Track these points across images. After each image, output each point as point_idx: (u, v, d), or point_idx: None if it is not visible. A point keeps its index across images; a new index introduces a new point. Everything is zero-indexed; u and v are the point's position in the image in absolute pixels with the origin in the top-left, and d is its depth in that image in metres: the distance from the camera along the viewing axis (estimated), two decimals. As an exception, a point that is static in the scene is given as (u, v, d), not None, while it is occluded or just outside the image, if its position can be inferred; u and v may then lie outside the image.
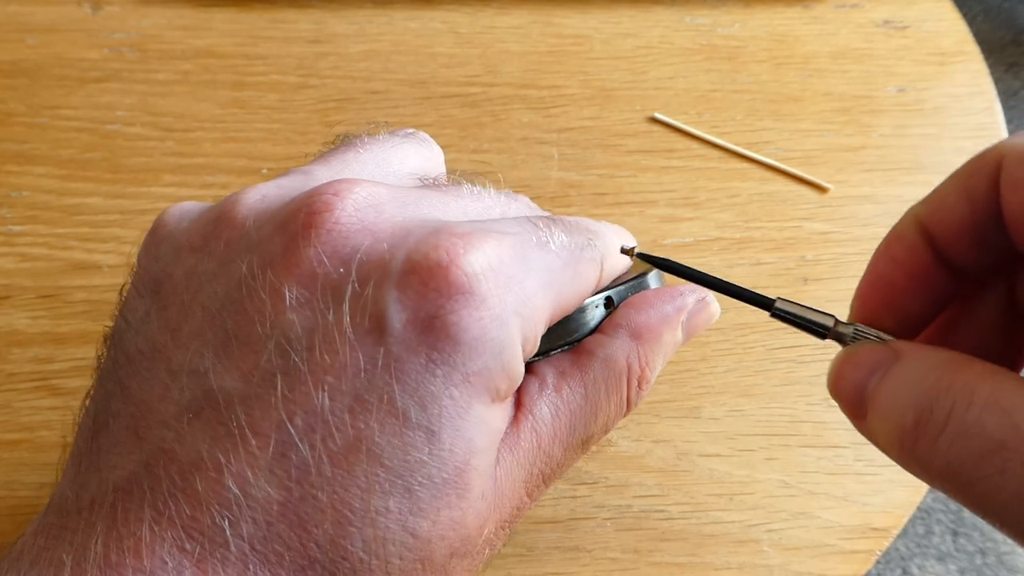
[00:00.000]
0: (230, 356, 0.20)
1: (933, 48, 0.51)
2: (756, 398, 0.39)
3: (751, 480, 0.37)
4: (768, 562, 0.35)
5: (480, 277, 0.20)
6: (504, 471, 0.22)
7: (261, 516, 0.18)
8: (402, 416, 0.19)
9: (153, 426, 0.20)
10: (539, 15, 0.51)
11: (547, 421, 0.23)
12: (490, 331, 0.20)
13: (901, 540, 1.17)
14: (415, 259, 0.20)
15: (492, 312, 0.20)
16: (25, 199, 0.43)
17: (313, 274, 0.20)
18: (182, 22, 0.49)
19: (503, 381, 0.21)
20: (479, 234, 0.21)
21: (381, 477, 0.19)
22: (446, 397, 0.20)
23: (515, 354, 0.21)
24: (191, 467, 0.19)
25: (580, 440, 0.24)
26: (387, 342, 0.19)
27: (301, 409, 0.19)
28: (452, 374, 0.20)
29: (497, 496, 0.22)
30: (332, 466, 0.19)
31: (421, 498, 0.19)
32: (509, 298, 0.21)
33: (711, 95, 0.48)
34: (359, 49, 0.49)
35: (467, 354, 0.20)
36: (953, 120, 0.48)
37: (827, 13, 0.51)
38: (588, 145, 0.46)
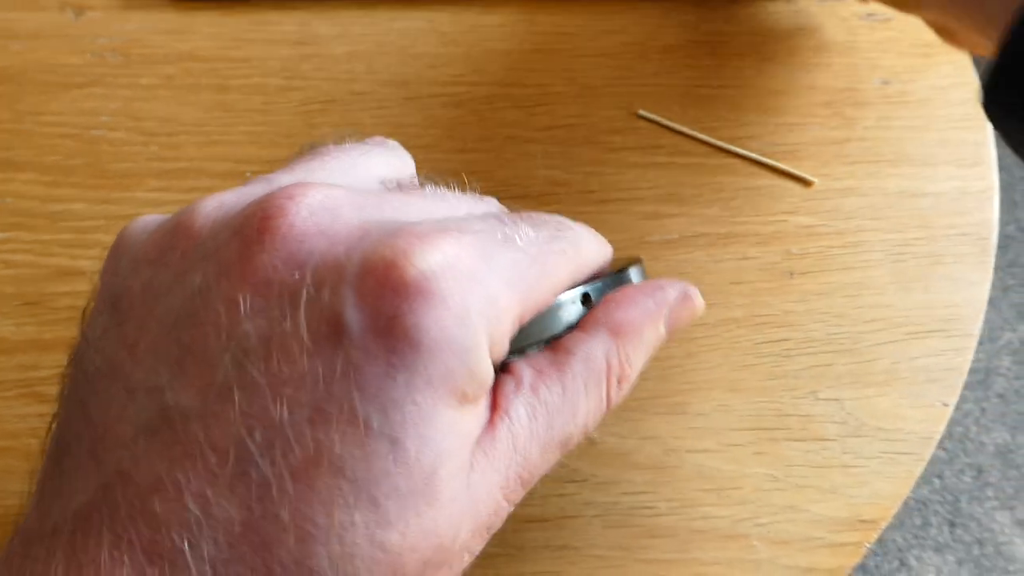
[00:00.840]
0: (185, 372, 0.19)
1: (917, 40, 0.51)
2: (743, 393, 0.39)
3: (739, 475, 0.37)
4: (757, 556, 0.35)
5: (439, 276, 0.19)
6: (479, 475, 0.21)
7: (223, 537, 0.18)
8: (364, 426, 0.19)
9: (111, 448, 0.19)
10: (523, 13, 0.51)
11: (524, 422, 0.22)
12: (452, 332, 0.19)
13: (898, 531, 1.17)
14: (371, 261, 0.19)
15: (453, 312, 0.19)
16: (8, 205, 0.43)
17: (268, 281, 0.20)
18: (165, 26, 0.49)
19: (469, 384, 0.20)
20: (438, 232, 0.20)
21: (345, 490, 0.18)
22: (409, 403, 0.19)
23: (481, 355, 0.20)
24: (149, 489, 0.18)
25: (559, 440, 0.23)
26: (345, 348, 0.19)
27: (259, 423, 0.18)
28: (414, 379, 0.19)
29: (472, 501, 0.21)
30: (293, 481, 0.18)
31: (388, 510, 0.19)
32: (472, 297, 0.20)
33: (696, 91, 0.48)
34: (343, 50, 0.49)
35: (428, 357, 0.19)
36: (938, 112, 0.48)
37: (810, 7, 0.51)
38: (573, 143, 0.46)
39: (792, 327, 0.41)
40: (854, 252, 0.43)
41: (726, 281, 0.42)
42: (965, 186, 0.46)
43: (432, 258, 0.20)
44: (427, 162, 0.45)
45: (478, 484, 0.21)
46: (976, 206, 0.45)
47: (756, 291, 0.42)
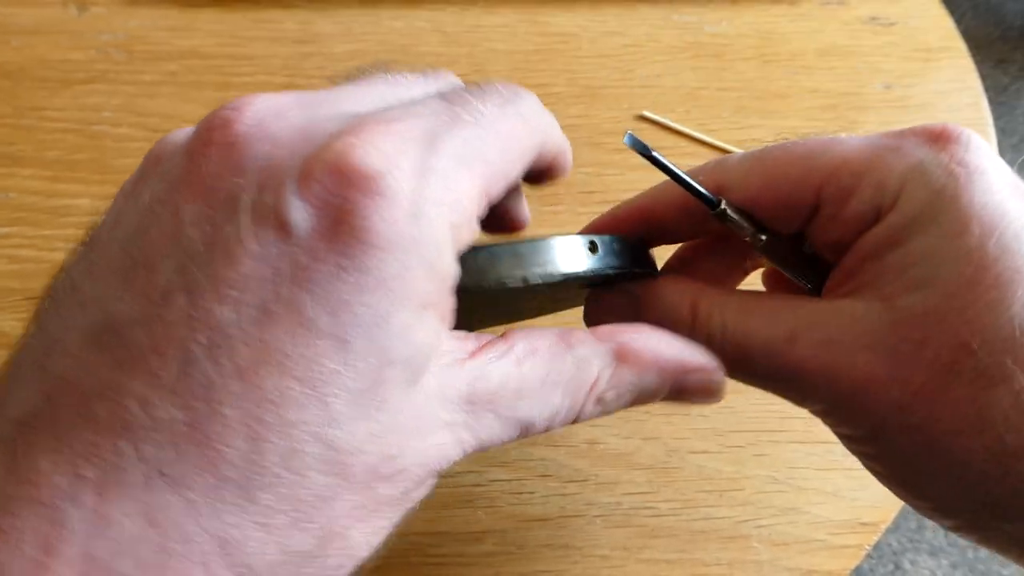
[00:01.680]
0: (131, 281, 0.19)
1: (919, 44, 0.51)
2: (745, 394, 0.39)
3: (740, 476, 0.37)
4: (758, 558, 0.35)
5: (385, 170, 0.19)
6: (425, 399, 0.20)
7: (166, 438, 0.18)
8: (312, 326, 0.18)
9: (57, 357, 0.19)
10: (525, 14, 0.51)
11: (492, 383, 0.22)
12: (404, 230, 0.19)
13: (893, 535, 1.18)
14: (312, 161, 0.19)
15: (404, 208, 0.19)
16: (12, 201, 0.43)
17: (212, 188, 0.19)
18: (168, 23, 0.49)
19: (430, 281, 0.20)
20: (381, 124, 0.20)
21: (294, 390, 0.18)
22: (359, 304, 0.19)
23: (440, 250, 0.20)
24: (92, 394, 0.18)
25: (519, 421, 0.23)
26: (292, 250, 0.18)
27: (203, 325, 0.18)
28: (364, 279, 0.19)
29: (419, 424, 0.20)
30: (240, 381, 0.18)
31: (336, 409, 0.19)
32: (425, 187, 0.19)
33: (698, 92, 0.48)
34: (345, 49, 0.49)
35: (380, 258, 0.19)
36: (939, 116, 0.48)
37: (813, 10, 0.52)
38: (576, 143, 0.46)
39: (793, 329, 0.41)
40: (856, 255, 0.43)
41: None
42: (966, 190, 0.46)
43: (377, 151, 0.19)
44: (430, 161, 0.45)
45: (424, 408, 0.21)
46: (977, 210, 0.45)
47: (758, 293, 0.42)
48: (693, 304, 0.26)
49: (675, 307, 0.27)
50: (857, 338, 0.23)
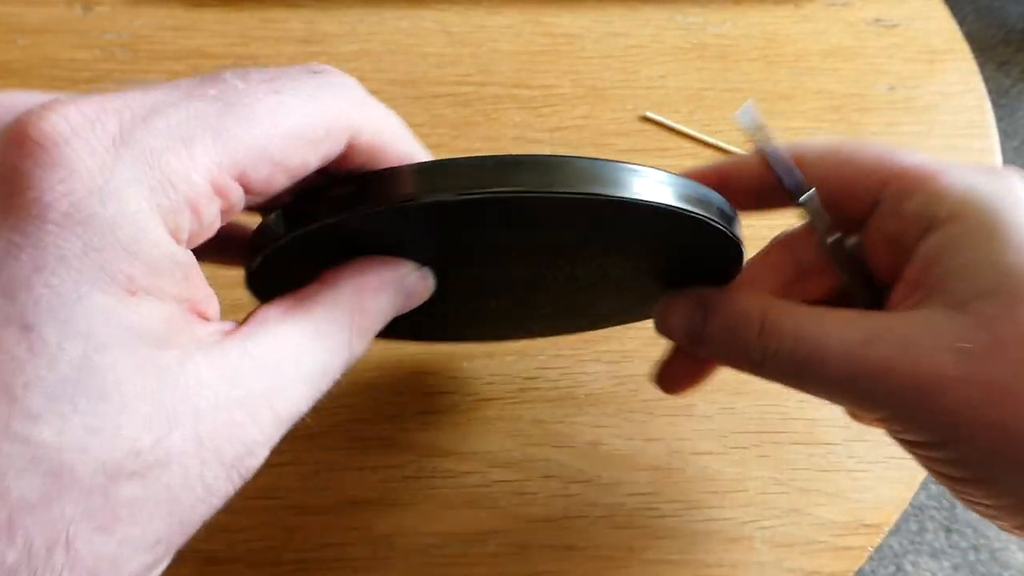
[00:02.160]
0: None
1: (923, 46, 0.51)
2: (748, 396, 0.39)
3: (743, 477, 0.37)
4: (760, 559, 0.36)
5: (62, 144, 0.17)
6: (198, 382, 0.19)
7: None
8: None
9: None
10: (530, 14, 0.51)
11: (267, 346, 0.21)
12: (87, 206, 0.17)
13: (894, 537, 1.17)
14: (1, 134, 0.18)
15: (87, 184, 0.17)
16: (16, 200, 0.43)
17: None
18: (173, 22, 0.49)
19: (131, 265, 0.18)
20: (77, 99, 0.18)
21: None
22: (40, 285, 0.17)
23: (140, 230, 0.18)
24: None
25: (307, 376, 0.22)
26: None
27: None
28: (42, 256, 0.17)
29: (193, 413, 0.18)
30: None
31: (31, 402, 0.16)
32: (119, 165, 0.18)
33: (702, 94, 0.48)
34: (350, 49, 0.49)
35: (58, 233, 0.17)
36: (943, 118, 0.48)
37: (817, 12, 0.52)
38: (580, 144, 0.46)
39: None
40: (859, 257, 0.43)
41: (731, 284, 0.42)
42: (970, 192, 0.46)
43: (59, 123, 0.17)
44: (434, 162, 0.45)
45: (197, 395, 0.19)
46: (981, 212, 0.45)
47: (761, 294, 0.42)
48: (763, 311, 0.27)
49: (745, 314, 0.27)
50: (935, 340, 0.24)
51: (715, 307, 0.28)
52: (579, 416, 0.38)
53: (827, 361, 0.25)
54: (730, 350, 0.28)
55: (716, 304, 0.28)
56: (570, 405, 0.39)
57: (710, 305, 0.28)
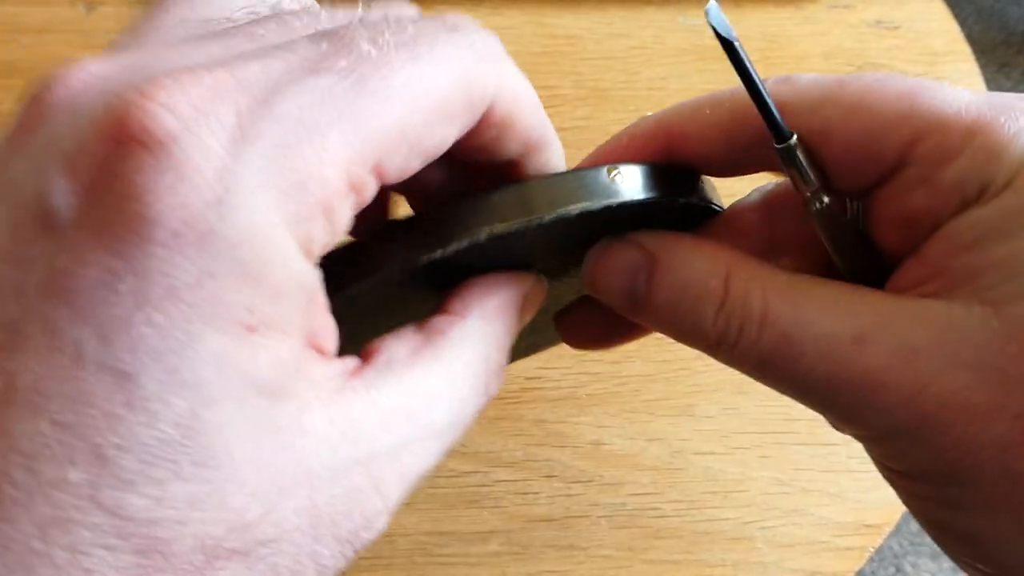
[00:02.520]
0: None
1: (924, 48, 0.51)
2: (750, 396, 0.39)
3: (745, 478, 0.37)
4: (762, 559, 0.36)
5: (175, 137, 0.14)
6: (317, 442, 0.16)
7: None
8: (73, 352, 0.14)
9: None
10: (531, 15, 0.51)
11: (393, 395, 0.17)
12: (204, 221, 0.14)
13: (895, 538, 1.17)
14: (88, 129, 0.14)
15: (204, 193, 0.14)
16: (19, 200, 0.43)
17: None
18: (176, 23, 0.49)
19: (252, 292, 0.15)
20: (189, 72, 0.15)
21: (50, 438, 0.14)
22: (142, 324, 0.14)
23: (267, 247, 0.15)
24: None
25: (436, 427, 0.19)
26: (51, 247, 0.14)
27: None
28: (146, 289, 0.14)
29: (308, 478, 0.16)
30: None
31: (125, 467, 0.14)
32: (241, 166, 0.14)
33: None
34: (353, 50, 0.49)
35: (166, 257, 0.14)
36: (944, 119, 0.48)
37: (819, 13, 0.52)
38: (582, 146, 0.46)
39: (798, 331, 0.41)
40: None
41: (733, 285, 0.42)
42: (971, 194, 0.46)
43: (165, 115, 0.14)
44: (436, 162, 0.45)
45: (314, 456, 0.16)
46: (982, 214, 0.45)
47: (763, 295, 0.42)
48: (728, 275, 0.21)
49: (702, 276, 0.21)
50: (952, 350, 0.18)
51: (664, 263, 0.21)
52: (581, 416, 0.38)
53: (802, 356, 0.19)
54: (678, 324, 0.21)
55: (666, 259, 0.21)
56: (572, 405, 0.39)
57: (658, 260, 0.21)
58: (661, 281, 0.21)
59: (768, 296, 0.20)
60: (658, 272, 0.21)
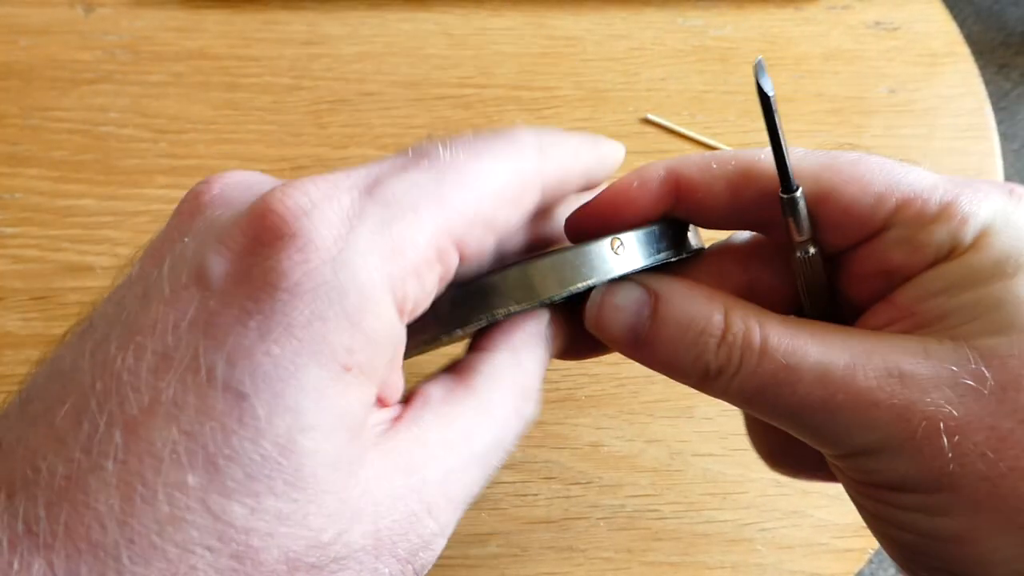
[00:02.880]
0: (81, 339, 0.19)
1: (924, 49, 0.51)
2: (749, 398, 0.39)
3: (744, 479, 0.37)
4: (761, 561, 0.36)
5: (302, 217, 0.18)
6: (376, 475, 0.19)
7: (43, 492, 0.16)
8: (206, 374, 0.16)
9: (2, 419, 0.19)
10: (532, 17, 0.51)
11: (434, 430, 0.20)
12: (319, 275, 0.17)
13: (894, 540, 1.17)
14: (241, 215, 0.18)
15: (321, 254, 0.17)
16: (18, 201, 0.43)
17: (160, 251, 0.19)
18: (175, 24, 0.49)
19: (351, 336, 0.18)
20: (314, 179, 0.19)
21: (178, 444, 0.16)
22: (261, 353, 0.17)
23: (367, 300, 0.18)
24: (5, 452, 0.17)
25: (479, 454, 0.21)
26: (204, 296, 0.17)
27: (104, 372, 0.17)
28: (268, 324, 0.17)
29: (373, 507, 0.18)
30: (124, 431, 0.16)
31: (230, 475, 0.16)
32: (352, 236, 0.18)
33: (704, 96, 0.48)
34: (352, 51, 0.49)
35: (288, 301, 0.17)
36: (943, 121, 0.48)
37: (818, 14, 0.52)
38: (581, 146, 0.46)
39: (798, 333, 0.41)
40: (860, 259, 0.43)
41: (732, 286, 0.42)
42: (970, 195, 0.46)
43: (300, 197, 0.18)
44: (435, 163, 0.45)
45: (377, 486, 0.18)
46: (981, 215, 0.45)
47: (762, 296, 0.42)
48: (727, 311, 0.23)
49: (702, 314, 0.23)
50: (932, 373, 0.21)
51: (667, 301, 0.23)
52: (580, 418, 0.38)
53: (800, 381, 0.21)
54: (680, 357, 0.23)
55: (669, 297, 0.23)
56: (571, 407, 0.39)
57: (661, 298, 0.23)
58: (665, 317, 0.23)
59: (766, 329, 0.22)
60: (661, 308, 0.23)
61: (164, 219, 0.43)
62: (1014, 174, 1.48)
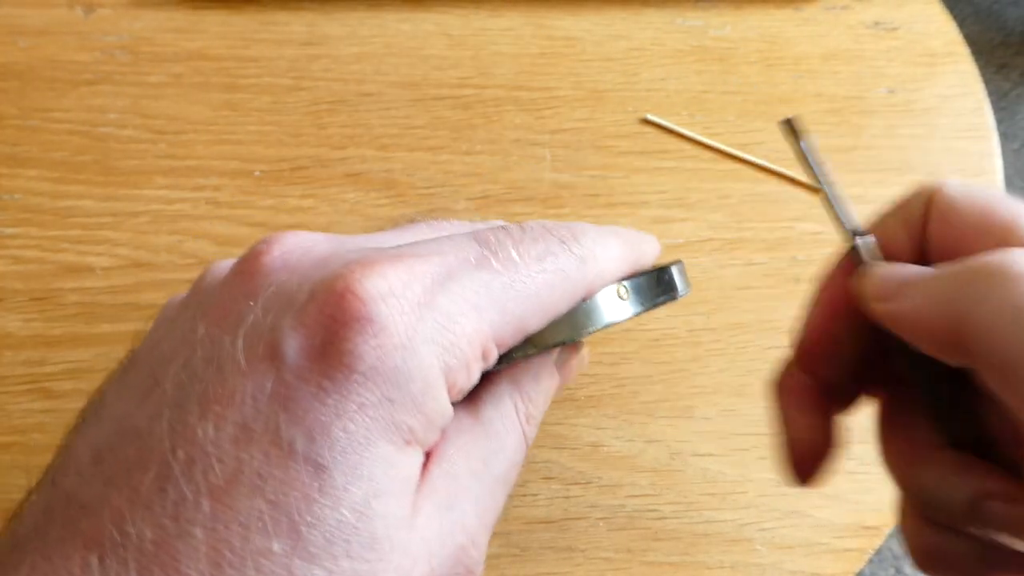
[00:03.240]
0: (147, 399, 0.20)
1: (923, 49, 0.51)
2: (748, 397, 0.39)
3: (744, 479, 0.37)
4: (761, 561, 0.36)
5: (379, 303, 0.19)
6: (425, 518, 0.20)
7: (132, 555, 0.17)
8: (287, 447, 0.18)
9: (68, 473, 0.19)
10: (531, 17, 0.51)
11: (460, 463, 0.22)
12: (391, 360, 0.19)
13: (894, 539, 1.17)
14: (316, 289, 0.19)
15: (394, 340, 0.19)
16: (17, 202, 0.43)
17: (226, 311, 0.20)
18: (174, 24, 0.49)
19: (414, 417, 0.19)
20: (388, 259, 0.20)
21: (264, 513, 0.17)
22: (338, 429, 0.18)
23: (429, 386, 0.19)
24: (81, 509, 0.18)
25: (498, 477, 0.23)
26: (279, 370, 0.18)
27: (184, 440, 0.18)
28: (344, 404, 0.18)
29: (427, 551, 0.20)
30: (211, 500, 0.17)
31: (312, 541, 0.18)
32: (421, 324, 0.19)
33: (703, 96, 0.48)
34: (351, 51, 0.49)
35: (362, 383, 0.18)
36: (943, 121, 0.48)
37: (817, 15, 0.52)
38: (580, 147, 0.46)
39: (797, 333, 0.41)
40: (859, 259, 0.43)
41: (732, 286, 0.42)
42: (970, 195, 0.46)
43: (373, 284, 0.19)
44: (434, 164, 0.45)
45: (430, 531, 0.20)
46: (980, 215, 0.45)
47: (762, 296, 0.42)
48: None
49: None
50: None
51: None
52: (580, 418, 0.38)
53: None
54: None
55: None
56: (570, 407, 0.39)
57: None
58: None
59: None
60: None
61: (163, 220, 0.43)
62: (1014, 174, 1.48)
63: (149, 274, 0.41)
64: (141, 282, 0.41)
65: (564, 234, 0.24)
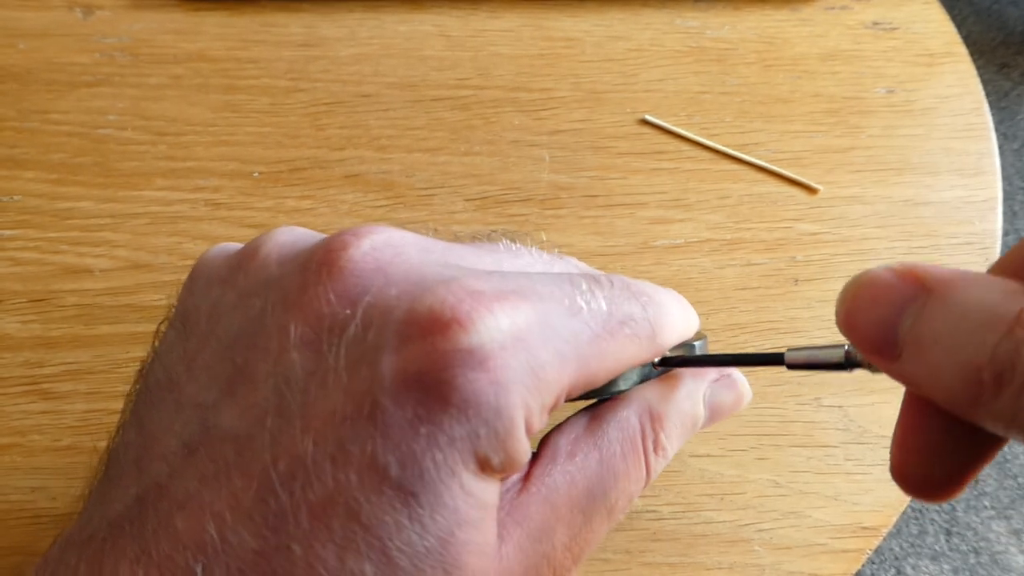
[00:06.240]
0: (233, 392, 0.20)
1: (922, 49, 0.51)
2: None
3: (742, 480, 0.37)
4: (759, 561, 0.36)
5: (483, 338, 0.19)
6: (513, 547, 0.20)
7: (234, 563, 0.18)
8: (382, 472, 0.18)
9: (154, 459, 0.20)
10: (530, 18, 0.51)
11: (562, 490, 0.22)
12: (485, 396, 0.19)
13: (895, 540, 1.17)
14: (419, 310, 0.19)
15: (491, 376, 0.19)
16: (16, 203, 0.43)
17: (320, 314, 0.20)
18: (173, 26, 0.49)
19: (496, 452, 0.19)
20: (495, 293, 0.20)
21: (358, 535, 0.18)
22: (428, 459, 0.18)
23: (513, 425, 0.19)
24: (177, 504, 0.18)
25: (604, 508, 0.23)
26: (377, 391, 0.18)
27: (286, 453, 0.18)
28: (436, 435, 0.18)
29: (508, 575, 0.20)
30: (310, 517, 0.18)
31: (400, 566, 0.18)
32: (516, 364, 0.19)
33: (701, 97, 0.48)
34: (349, 52, 0.49)
35: (455, 416, 0.18)
36: (942, 121, 0.48)
37: (816, 15, 0.52)
38: (579, 147, 0.46)
39: (797, 333, 0.41)
40: (859, 260, 0.43)
41: (731, 287, 0.42)
42: (968, 195, 0.46)
43: (480, 318, 0.19)
44: (432, 165, 0.45)
45: (514, 557, 0.20)
46: (979, 216, 0.45)
47: (761, 297, 0.42)
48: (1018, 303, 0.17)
49: (989, 300, 0.17)
50: None
51: (943, 289, 0.18)
52: (578, 419, 0.38)
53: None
54: (950, 355, 0.17)
55: (944, 285, 0.18)
56: (570, 407, 0.38)
57: (934, 287, 0.18)
58: (936, 308, 0.18)
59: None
60: (933, 300, 0.18)
61: (162, 221, 0.43)
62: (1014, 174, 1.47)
63: (148, 275, 0.41)
64: (140, 283, 0.41)
65: (646, 300, 0.23)
